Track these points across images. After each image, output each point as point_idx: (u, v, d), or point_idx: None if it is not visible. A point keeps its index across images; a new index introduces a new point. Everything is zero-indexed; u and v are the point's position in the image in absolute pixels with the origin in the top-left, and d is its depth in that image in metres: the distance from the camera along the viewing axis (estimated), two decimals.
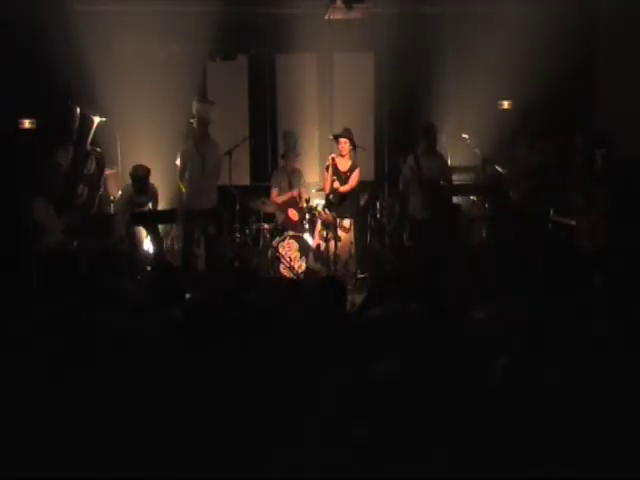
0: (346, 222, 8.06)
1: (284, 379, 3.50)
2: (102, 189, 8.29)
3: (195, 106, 8.12)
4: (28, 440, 3.27)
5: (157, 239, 8.18)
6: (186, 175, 8.09)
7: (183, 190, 8.18)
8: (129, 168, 8.10)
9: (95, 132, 8.09)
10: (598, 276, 5.07)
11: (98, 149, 8.09)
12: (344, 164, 8.05)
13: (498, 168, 8.25)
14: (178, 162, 8.10)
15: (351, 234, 8.12)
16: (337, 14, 8.85)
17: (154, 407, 3.40)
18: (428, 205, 8.02)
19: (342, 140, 7.99)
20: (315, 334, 3.98)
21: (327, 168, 8.03)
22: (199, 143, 8.04)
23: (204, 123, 8.02)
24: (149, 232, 8.16)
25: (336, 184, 8.02)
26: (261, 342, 3.84)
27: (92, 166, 7.96)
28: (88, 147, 8.02)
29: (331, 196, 8.00)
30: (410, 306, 4.38)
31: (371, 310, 4.75)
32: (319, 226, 8.09)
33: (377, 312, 4.42)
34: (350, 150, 8.02)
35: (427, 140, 8.02)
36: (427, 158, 8.04)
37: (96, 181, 8.00)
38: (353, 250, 8.14)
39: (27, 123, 8.26)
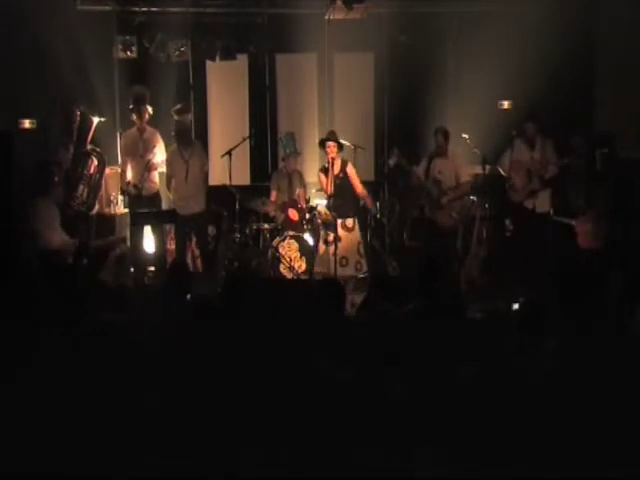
0: (349, 221, 8.03)
1: (284, 378, 3.50)
2: (102, 189, 8.29)
3: (175, 117, 8.23)
4: (28, 437, 3.28)
5: (160, 238, 8.19)
6: (173, 182, 8.18)
7: (171, 197, 8.27)
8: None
9: (95, 132, 8.10)
10: (598, 276, 5.08)
11: (98, 149, 8.08)
12: (335, 167, 8.01)
13: (499, 169, 8.25)
14: (164, 169, 8.18)
15: (356, 233, 8.08)
16: (337, 14, 8.85)
17: (156, 406, 3.40)
18: (435, 205, 8.08)
19: (330, 144, 7.94)
20: (314, 334, 3.98)
21: (325, 173, 8.02)
22: (182, 149, 8.10)
23: (186, 130, 8.20)
24: (153, 231, 8.15)
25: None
26: (261, 342, 3.84)
27: (92, 166, 7.95)
28: (88, 147, 8.01)
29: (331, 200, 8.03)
30: (410, 306, 4.39)
31: (371, 310, 4.76)
32: (321, 229, 8.09)
33: (377, 312, 4.43)
34: (337, 152, 7.98)
35: (435, 142, 8.14)
36: (438, 159, 8.15)
37: (96, 181, 7.98)
38: (362, 249, 8.10)
39: (27, 123, 8.25)
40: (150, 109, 8.19)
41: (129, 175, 8.16)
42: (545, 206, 8.24)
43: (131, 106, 8.18)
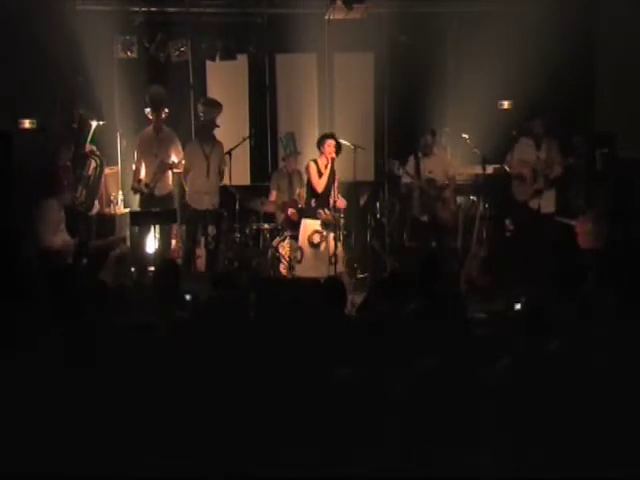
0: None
1: (285, 378, 3.50)
2: (101, 190, 8.30)
3: (200, 109, 8.21)
4: (29, 437, 3.28)
5: (165, 238, 8.21)
6: (190, 175, 8.19)
7: (187, 190, 8.29)
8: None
9: (95, 133, 8.09)
10: (598, 275, 5.07)
11: (97, 151, 8.06)
12: (327, 170, 7.99)
13: (507, 168, 8.30)
14: (184, 162, 8.20)
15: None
16: (337, 14, 8.84)
17: (157, 407, 3.40)
18: (427, 205, 8.10)
19: (330, 142, 7.89)
20: (315, 334, 3.98)
21: (318, 173, 7.96)
22: (204, 144, 8.13)
23: (209, 126, 8.13)
24: (159, 231, 8.16)
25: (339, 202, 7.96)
26: (262, 341, 3.84)
27: (90, 167, 7.94)
28: (87, 148, 8.00)
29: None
30: (410, 306, 4.38)
31: (371, 310, 4.75)
32: (306, 229, 7.98)
33: (377, 312, 4.43)
34: (335, 154, 7.93)
35: (424, 142, 8.24)
36: (427, 159, 8.22)
37: (94, 182, 7.97)
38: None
39: (27, 123, 8.26)
40: (167, 110, 8.22)
41: (142, 173, 8.17)
42: (550, 206, 8.26)
43: (147, 108, 8.19)
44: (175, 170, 8.24)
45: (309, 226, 7.97)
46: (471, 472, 3.15)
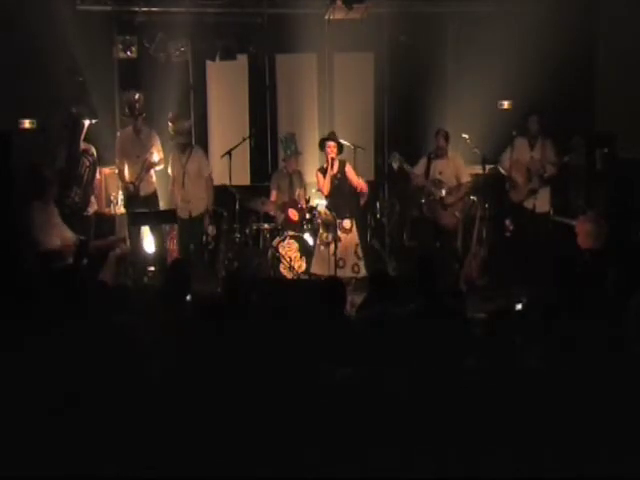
0: (346, 222, 7.98)
1: (285, 378, 3.50)
2: (98, 189, 8.31)
3: (170, 126, 8.29)
4: (28, 438, 3.28)
5: (159, 238, 8.25)
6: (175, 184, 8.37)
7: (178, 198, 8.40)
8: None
9: (93, 132, 8.09)
10: (597, 275, 5.08)
11: (91, 150, 8.04)
12: (334, 167, 7.99)
13: (500, 169, 8.29)
14: (170, 171, 8.31)
15: (353, 235, 8.01)
16: (337, 14, 8.84)
17: (156, 407, 3.41)
18: (430, 207, 8.11)
19: (330, 144, 7.91)
20: (315, 334, 3.98)
21: (323, 173, 7.99)
22: (181, 154, 8.27)
23: (183, 140, 8.30)
24: (152, 232, 8.22)
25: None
26: (261, 341, 3.84)
27: (83, 167, 7.92)
28: (83, 147, 7.99)
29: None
30: (410, 306, 4.39)
31: (370, 310, 4.75)
32: (321, 229, 8.03)
33: (376, 312, 4.43)
34: (337, 153, 7.95)
35: (437, 143, 8.26)
36: (439, 160, 8.22)
37: (88, 181, 7.96)
38: (360, 251, 8.01)
39: (27, 123, 8.27)
40: (144, 115, 8.32)
41: (126, 175, 8.22)
42: (545, 206, 8.26)
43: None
44: (157, 168, 8.32)
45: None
46: (471, 472, 3.15)
